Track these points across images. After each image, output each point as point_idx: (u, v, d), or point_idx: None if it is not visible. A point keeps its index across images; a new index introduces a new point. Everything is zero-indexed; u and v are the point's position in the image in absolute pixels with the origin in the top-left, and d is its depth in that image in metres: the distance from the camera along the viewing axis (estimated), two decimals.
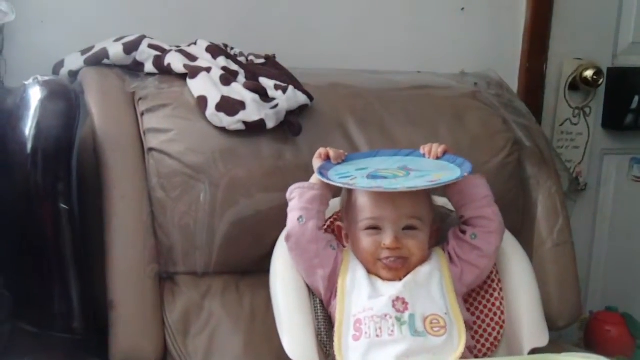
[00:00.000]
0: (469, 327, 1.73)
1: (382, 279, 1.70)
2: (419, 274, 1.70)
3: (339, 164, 1.82)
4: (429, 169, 1.77)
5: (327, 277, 1.72)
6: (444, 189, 1.77)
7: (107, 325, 1.75)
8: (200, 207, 1.81)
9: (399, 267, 1.69)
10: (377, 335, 1.62)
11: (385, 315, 1.63)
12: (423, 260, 1.72)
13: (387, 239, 1.68)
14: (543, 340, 1.76)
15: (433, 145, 1.83)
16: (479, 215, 1.74)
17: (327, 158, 1.81)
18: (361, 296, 1.68)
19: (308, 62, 2.20)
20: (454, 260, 1.75)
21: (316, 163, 1.81)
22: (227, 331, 1.80)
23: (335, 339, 1.65)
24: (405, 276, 1.69)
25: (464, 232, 1.75)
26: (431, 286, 1.69)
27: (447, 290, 1.69)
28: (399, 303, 1.64)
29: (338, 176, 1.75)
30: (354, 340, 1.64)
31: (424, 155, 1.84)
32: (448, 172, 1.74)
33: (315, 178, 1.77)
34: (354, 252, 1.75)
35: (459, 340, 1.63)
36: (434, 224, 1.77)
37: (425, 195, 1.74)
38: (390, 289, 1.67)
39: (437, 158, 1.81)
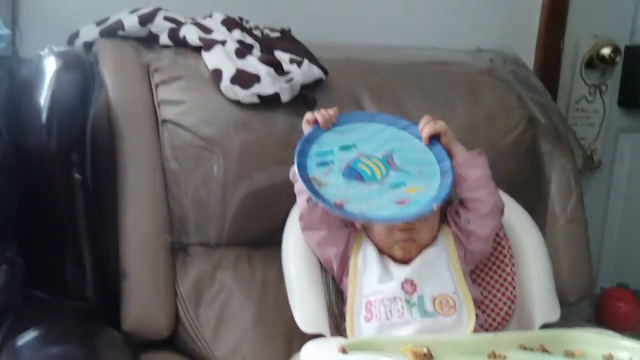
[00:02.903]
0: (477, 304, 1.73)
1: (394, 260, 1.71)
2: (427, 255, 1.70)
3: (328, 130, 1.76)
4: (411, 167, 1.70)
5: (339, 255, 1.73)
6: None
7: (119, 294, 1.76)
8: (214, 179, 1.82)
9: (411, 246, 1.69)
10: (387, 318, 1.63)
11: (395, 298, 1.64)
12: (431, 240, 1.72)
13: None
14: (554, 315, 1.77)
15: (429, 123, 1.74)
16: (472, 198, 1.71)
17: (317, 123, 1.77)
18: (372, 278, 1.68)
19: (323, 36, 2.19)
20: (456, 241, 1.74)
21: (305, 129, 1.78)
22: (238, 302, 1.80)
23: (347, 318, 1.66)
24: (416, 255, 1.69)
25: (458, 214, 1.74)
26: (439, 267, 1.69)
27: (454, 270, 1.69)
28: (408, 285, 1.65)
29: (317, 160, 1.71)
30: (365, 321, 1.65)
31: (420, 131, 1.75)
32: (427, 181, 1.68)
33: None
34: (367, 233, 1.75)
35: (469, 320, 1.64)
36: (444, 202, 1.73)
37: None
38: (400, 272, 1.67)
39: (429, 142, 1.73)
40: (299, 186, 1.71)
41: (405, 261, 1.69)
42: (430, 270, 1.68)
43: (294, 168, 1.70)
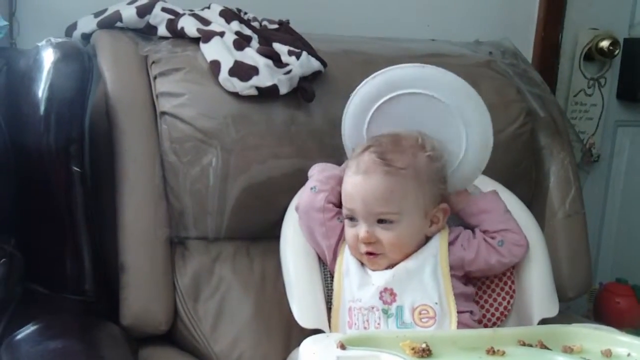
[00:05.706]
0: (475, 300, 1.74)
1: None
2: (411, 262, 1.65)
3: None
4: None
5: (332, 248, 1.72)
6: (459, 213, 1.75)
7: (117, 288, 1.76)
8: (212, 172, 1.81)
9: (377, 260, 1.65)
10: (365, 327, 1.62)
11: (372, 308, 1.62)
12: (406, 254, 1.66)
13: (361, 232, 1.64)
14: (553, 310, 1.76)
15: None
16: (504, 229, 1.71)
17: None
18: (352, 282, 1.66)
19: (322, 28, 2.19)
20: (471, 251, 1.70)
21: None
22: (237, 296, 1.80)
23: (332, 322, 1.67)
24: (391, 266, 1.65)
25: (492, 237, 1.71)
26: (423, 274, 1.64)
27: (442, 276, 1.65)
28: (387, 294, 1.62)
29: None
30: (348, 327, 1.64)
31: None
32: None
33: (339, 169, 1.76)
34: None
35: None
36: (433, 208, 1.67)
37: (410, 184, 1.63)
38: (379, 279, 1.64)
39: None
40: (310, 178, 1.75)
41: (381, 269, 1.67)
42: (414, 277, 1.63)
43: (320, 163, 1.78)
